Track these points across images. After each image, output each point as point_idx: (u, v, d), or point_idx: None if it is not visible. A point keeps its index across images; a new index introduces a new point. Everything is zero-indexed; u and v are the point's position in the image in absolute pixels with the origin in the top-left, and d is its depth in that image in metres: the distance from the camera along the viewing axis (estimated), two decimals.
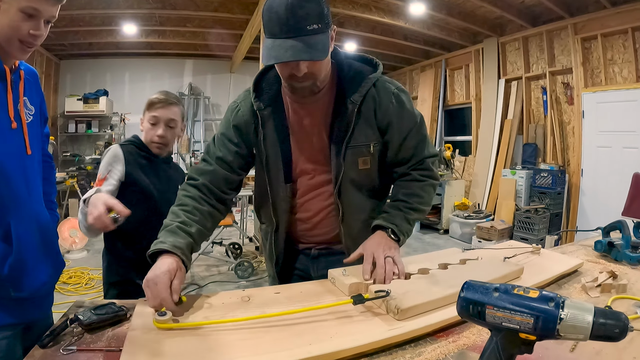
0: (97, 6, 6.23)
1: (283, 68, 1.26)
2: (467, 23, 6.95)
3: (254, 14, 6.36)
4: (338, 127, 1.38)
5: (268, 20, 1.18)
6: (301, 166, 1.46)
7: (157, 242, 1.22)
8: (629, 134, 5.45)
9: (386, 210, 1.45)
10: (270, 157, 1.44)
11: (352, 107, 1.36)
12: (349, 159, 1.40)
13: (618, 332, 0.65)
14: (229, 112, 1.50)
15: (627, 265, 1.57)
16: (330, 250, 1.56)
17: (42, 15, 1.13)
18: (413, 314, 1.06)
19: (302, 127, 1.43)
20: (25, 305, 1.25)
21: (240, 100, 1.48)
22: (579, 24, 5.96)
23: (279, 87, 1.44)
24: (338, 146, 1.39)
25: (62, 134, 8.76)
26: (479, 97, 7.93)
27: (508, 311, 0.70)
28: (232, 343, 0.93)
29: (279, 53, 1.16)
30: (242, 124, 1.45)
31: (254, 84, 1.45)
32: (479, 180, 7.63)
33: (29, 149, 1.25)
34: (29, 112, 1.27)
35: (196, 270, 5.14)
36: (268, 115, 1.41)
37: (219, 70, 9.97)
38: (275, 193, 1.48)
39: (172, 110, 1.86)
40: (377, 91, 1.39)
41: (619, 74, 5.62)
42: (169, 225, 1.29)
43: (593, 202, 5.96)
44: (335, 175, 1.41)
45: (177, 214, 1.33)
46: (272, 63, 1.20)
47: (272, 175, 1.46)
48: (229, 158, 1.45)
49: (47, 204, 1.40)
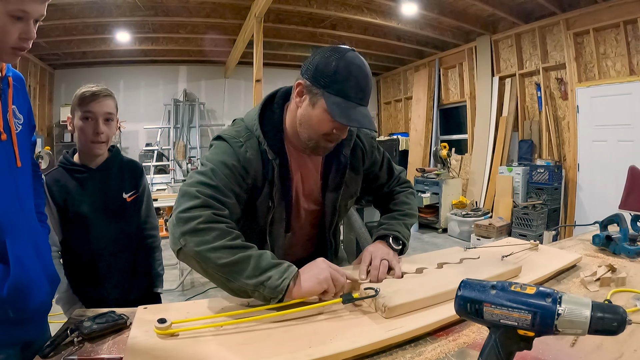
0: (89, 15, 6.22)
1: (329, 126, 1.26)
2: (460, 22, 6.97)
3: (247, 19, 6.36)
4: (333, 178, 1.47)
5: (345, 81, 1.21)
6: (298, 216, 1.49)
7: (283, 267, 1.12)
8: (624, 127, 5.47)
9: (383, 222, 1.55)
10: (277, 208, 1.38)
11: (345, 161, 1.46)
12: (342, 204, 1.52)
13: (616, 326, 0.66)
14: (234, 149, 1.30)
15: (626, 258, 1.58)
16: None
17: (31, 16, 1.07)
18: (401, 312, 1.07)
19: (300, 177, 1.45)
20: (25, 325, 1.19)
21: (244, 140, 1.32)
22: (571, 19, 5.98)
23: (282, 135, 1.38)
24: (334, 196, 1.48)
25: (57, 143, 8.72)
26: (473, 96, 7.95)
27: (505, 308, 0.71)
28: (233, 348, 0.93)
29: (358, 117, 1.22)
30: (250, 167, 1.30)
31: (260, 126, 1.34)
32: (476, 178, 7.64)
33: (19, 161, 1.16)
34: (18, 121, 1.18)
35: (196, 276, 5.13)
36: (276, 165, 1.34)
37: (213, 75, 9.96)
38: (274, 240, 1.43)
39: (108, 103, 1.68)
40: (361, 141, 1.52)
41: (612, 67, 5.65)
42: (264, 253, 1.15)
43: (590, 197, 5.98)
44: (330, 219, 1.52)
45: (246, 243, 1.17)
46: (353, 126, 1.30)
47: (275, 226, 1.41)
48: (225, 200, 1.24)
49: (37, 216, 1.32)
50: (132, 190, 1.81)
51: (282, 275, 1.10)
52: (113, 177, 1.77)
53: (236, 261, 1.10)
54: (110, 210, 1.73)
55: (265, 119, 1.37)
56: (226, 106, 10.01)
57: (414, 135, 9.30)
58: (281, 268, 1.12)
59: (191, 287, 4.78)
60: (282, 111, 1.40)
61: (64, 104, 8.66)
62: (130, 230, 1.82)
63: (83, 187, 1.69)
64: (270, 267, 1.11)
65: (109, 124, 1.69)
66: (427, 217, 7.70)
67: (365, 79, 1.25)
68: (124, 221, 1.79)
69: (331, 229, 1.54)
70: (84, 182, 1.70)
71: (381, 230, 1.49)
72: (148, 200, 1.92)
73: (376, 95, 11.49)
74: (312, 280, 1.11)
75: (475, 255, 1.48)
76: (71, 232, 1.69)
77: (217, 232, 1.13)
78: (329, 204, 1.48)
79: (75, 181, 1.69)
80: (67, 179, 1.68)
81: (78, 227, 1.68)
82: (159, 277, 1.95)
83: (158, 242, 2.00)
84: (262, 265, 1.11)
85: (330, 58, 1.23)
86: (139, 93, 9.34)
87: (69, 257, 1.72)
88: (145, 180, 1.91)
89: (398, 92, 10.53)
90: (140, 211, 1.87)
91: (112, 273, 1.74)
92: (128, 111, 8.75)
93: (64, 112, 8.54)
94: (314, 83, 1.24)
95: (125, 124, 8.72)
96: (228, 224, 1.18)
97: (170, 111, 9.49)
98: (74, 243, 1.70)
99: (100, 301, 1.66)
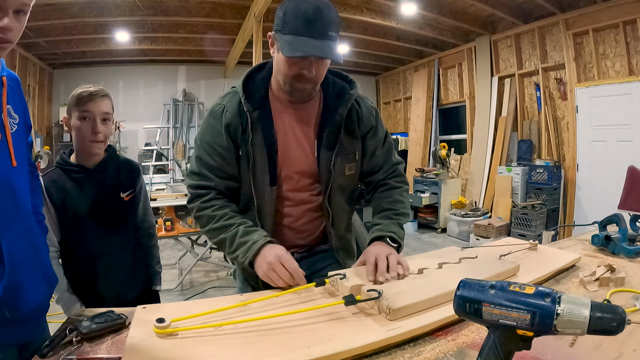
0: (89, 14, 6.23)
1: (293, 66, 1.32)
2: (459, 22, 6.98)
3: (246, 19, 6.36)
4: (327, 136, 1.49)
5: (294, 17, 1.27)
6: (286, 171, 1.49)
7: (247, 246, 1.35)
8: (623, 127, 5.48)
9: (378, 222, 1.54)
10: (257, 159, 1.45)
11: (340, 119, 1.48)
12: (338, 166, 1.51)
13: (615, 326, 0.66)
14: (215, 115, 1.46)
15: (625, 258, 1.58)
16: (312, 251, 1.62)
17: (7, 5, 0.97)
18: (405, 314, 1.07)
19: (289, 133, 1.48)
20: (22, 326, 1.19)
21: (225, 102, 1.46)
22: (571, 20, 5.98)
23: (266, 91, 1.48)
24: (328, 154, 1.48)
25: (57, 143, 8.71)
26: (472, 96, 7.96)
27: (504, 308, 0.71)
28: (232, 347, 0.93)
29: (306, 48, 1.25)
30: (231, 124, 1.43)
31: (242, 85, 1.45)
32: (475, 178, 7.65)
33: (14, 161, 1.14)
34: (13, 121, 1.17)
35: (195, 276, 5.14)
36: (256, 118, 1.43)
37: (213, 75, 9.96)
38: (261, 196, 1.48)
39: (105, 103, 1.68)
40: (359, 105, 1.54)
41: (611, 68, 5.65)
42: (236, 231, 1.39)
43: (589, 197, 5.98)
44: (325, 181, 1.51)
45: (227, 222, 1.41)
46: (299, 55, 1.27)
47: (258, 178, 1.47)
48: (226, 167, 1.46)
49: (34, 216, 1.31)
50: (130, 189, 1.82)
51: (245, 255, 1.34)
52: (110, 177, 1.77)
53: (219, 242, 1.42)
54: (108, 210, 1.74)
55: (252, 79, 1.49)
56: None
57: (413, 135, 9.30)
58: (244, 248, 1.35)
59: (190, 287, 4.78)
60: (270, 74, 1.49)
61: (63, 104, 8.64)
62: (128, 229, 1.83)
63: (80, 187, 1.70)
64: (237, 246, 1.37)
65: (106, 124, 1.69)
66: (426, 217, 7.71)
67: (317, 12, 1.26)
68: (122, 220, 1.80)
69: (327, 192, 1.52)
70: (81, 182, 1.70)
71: (377, 231, 1.49)
72: (145, 199, 1.93)
73: (375, 95, 11.50)
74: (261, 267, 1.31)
75: (473, 254, 1.48)
76: (69, 232, 1.70)
77: (205, 219, 1.44)
78: (323, 163, 1.49)
79: (73, 181, 1.69)
80: (64, 179, 1.69)
81: (76, 227, 1.69)
82: (156, 274, 1.96)
83: (155, 241, 2.01)
84: (233, 246, 1.38)
85: (284, 3, 1.31)
86: (138, 93, 9.34)
87: (67, 257, 1.72)
88: (142, 179, 1.91)
89: (397, 92, 10.54)
90: (137, 210, 1.88)
91: (111, 272, 1.74)
92: (127, 111, 8.76)
93: (63, 112, 8.38)
94: (275, 30, 1.34)
95: (124, 124, 8.73)
96: (213, 207, 1.43)
97: (169, 111, 9.50)
98: (72, 243, 1.71)
99: (99, 300, 1.66)
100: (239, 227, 1.39)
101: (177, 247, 4.96)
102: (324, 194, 1.52)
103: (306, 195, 1.55)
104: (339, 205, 1.57)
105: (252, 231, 1.39)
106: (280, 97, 1.47)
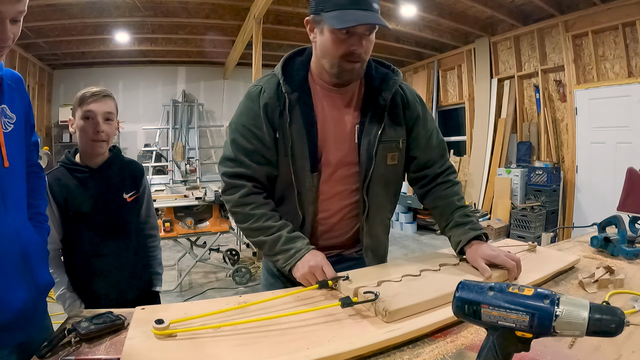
0: (89, 15, 6.23)
1: (341, 44, 1.28)
2: (458, 24, 6.98)
3: (246, 20, 6.37)
4: (370, 122, 1.43)
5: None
6: (326, 158, 1.44)
7: (290, 253, 1.34)
8: (622, 129, 5.49)
9: (463, 222, 1.46)
10: (296, 143, 1.39)
11: (384, 104, 1.43)
12: (380, 154, 1.44)
13: (614, 327, 0.65)
14: (252, 96, 1.41)
15: (624, 260, 1.58)
16: (341, 257, 1.56)
17: (4, 16, 1.00)
18: (402, 316, 1.06)
19: (328, 119, 1.43)
20: (9, 331, 1.15)
21: (262, 83, 1.41)
22: (570, 22, 6.00)
23: (306, 74, 1.44)
24: (370, 140, 1.42)
25: (56, 143, 8.72)
26: (472, 97, 7.96)
27: (503, 310, 0.71)
28: (231, 349, 0.93)
29: (357, 17, 1.22)
30: (268, 105, 1.38)
31: (282, 67, 1.42)
32: (475, 179, 7.65)
33: (6, 162, 1.12)
34: (9, 120, 1.16)
35: (194, 277, 5.13)
36: (295, 100, 1.38)
37: (212, 76, 9.97)
38: (301, 183, 1.42)
39: (107, 103, 1.70)
40: (403, 92, 1.49)
41: (610, 70, 5.66)
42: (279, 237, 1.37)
43: (588, 198, 5.99)
44: (365, 170, 1.44)
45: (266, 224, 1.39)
46: (351, 25, 1.23)
47: (298, 163, 1.40)
48: (264, 151, 1.41)
49: (35, 217, 1.31)
50: (133, 190, 1.82)
51: (286, 262, 1.33)
52: (113, 177, 1.78)
53: (257, 242, 1.41)
54: (110, 210, 1.74)
55: (291, 62, 1.46)
56: (225, 107, 10.01)
57: None
58: (287, 255, 1.34)
59: (189, 288, 4.78)
60: (309, 58, 1.46)
61: (63, 104, 8.66)
62: (130, 230, 1.83)
63: (84, 186, 1.70)
64: (279, 252, 1.36)
65: (109, 124, 1.70)
66: (425, 218, 7.70)
67: None
68: (124, 221, 1.80)
69: (365, 182, 1.44)
70: (84, 182, 1.71)
71: (471, 231, 1.42)
72: (148, 201, 1.93)
73: None
74: (300, 271, 1.30)
75: None
76: (71, 231, 1.70)
77: (242, 217, 1.41)
78: (364, 149, 1.43)
79: (76, 180, 1.70)
80: (68, 178, 1.70)
81: (77, 225, 1.69)
82: (157, 275, 1.96)
83: (157, 242, 2.01)
84: (274, 250, 1.36)
85: None
86: (138, 94, 9.34)
87: (69, 255, 1.74)
88: (145, 180, 1.92)
89: None
90: (140, 211, 1.88)
91: (111, 272, 1.75)
92: (127, 112, 8.74)
93: (63, 112, 8.54)
94: (315, 13, 1.31)
95: (123, 125, 8.68)
96: (251, 205, 1.40)
97: (169, 112, 9.50)
98: (73, 241, 1.72)
99: (98, 299, 1.68)
100: (281, 231, 1.36)
101: (176, 248, 4.96)
102: (362, 184, 1.45)
103: (344, 189, 1.48)
104: (378, 199, 1.49)
105: (295, 238, 1.36)
106: (322, 82, 1.43)
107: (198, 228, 4.76)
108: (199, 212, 4.77)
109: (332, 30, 1.26)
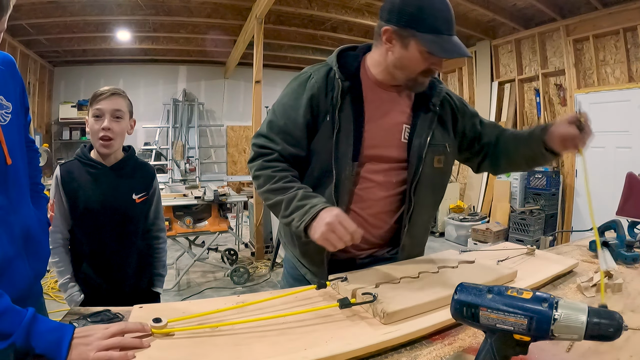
0: (90, 12, 6.23)
1: (424, 62, 1.33)
2: (460, 26, 6.96)
3: (247, 20, 6.37)
4: (421, 124, 1.47)
5: (431, 16, 1.27)
6: (370, 150, 1.44)
7: (304, 209, 1.27)
8: (622, 134, 5.48)
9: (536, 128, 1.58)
10: (343, 128, 1.40)
11: (434, 108, 1.49)
12: (428, 156, 1.47)
13: (613, 332, 0.66)
14: (300, 80, 1.46)
15: (622, 265, 1.58)
16: (374, 257, 1.52)
17: None
18: (400, 318, 1.06)
19: (378, 113, 1.45)
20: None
21: (312, 71, 1.46)
22: (571, 26, 6.00)
23: (358, 67, 1.47)
24: (421, 142, 1.46)
25: (56, 141, 8.72)
26: (472, 100, 7.95)
27: (502, 313, 0.71)
28: (228, 348, 0.93)
29: (456, 49, 1.29)
30: (315, 91, 1.41)
31: (336, 57, 1.46)
32: (474, 182, 7.65)
33: (9, 158, 1.07)
34: (6, 110, 1.09)
35: (192, 276, 5.13)
36: (346, 88, 1.41)
37: (213, 76, 9.97)
38: (340, 169, 1.40)
39: (116, 101, 1.72)
40: (451, 98, 1.56)
41: (611, 74, 5.67)
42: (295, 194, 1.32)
43: (587, 203, 5.97)
44: (414, 170, 1.46)
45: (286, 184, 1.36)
46: (454, 57, 1.30)
47: (341, 150, 1.40)
48: (296, 133, 1.42)
49: (33, 187, 1.27)
50: (143, 192, 1.85)
51: (301, 219, 1.26)
52: (125, 177, 1.81)
53: (274, 204, 1.36)
54: (118, 209, 1.76)
55: (345, 54, 1.50)
56: (225, 107, 10.02)
57: None
58: (302, 211, 1.27)
59: (187, 287, 4.78)
60: (363, 52, 1.51)
61: (63, 102, 8.67)
62: (136, 230, 1.85)
63: (95, 182, 1.73)
64: (294, 209, 1.29)
65: (118, 122, 1.72)
66: None
67: (449, 9, 1.30)
68: (131, 221, 1.82)
69: (414, 182, 1.45)
70: (96, 178, 1.74)
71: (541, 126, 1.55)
72: (157, 203, 1.97)
73: None
74: (318, 230, 1.21)
75: (471, 258, 1.48)
76: (78, 225, 1.74)
77: (263, 179, 1.39)
78: (414, 149, 1.45)
79: (89, 175, 1.73)
80: (81, 171, 1.73)
81: (85, 220, 1.73)
82: (159, 277, 1.99)
83: (164, 244, 2.04)
84: (289, 209, 1.31)
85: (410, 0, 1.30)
86: (139, 92, 9.33)
87: (74, 247, 1.77)
88: (156, 183, 1.96)
89: None
90: (148, 213, 1.91)
91: (113, 270, 1.77)
92: None
93: (63, 110, 8.55)
94: (402, 26, 1.30)
95: None
96: (274, 168, 1.39)
97: (169, 111, 9.51)
98: (79, 235, 1.75)
99: (98, 295, 1.70)
100: (299, 190, 1.33)
101: (174, 247, 4.95)
102: (410, 184, 1.45)
103: (386, 181, 1.47)
104: (424, 199, 1.50)
105: (312, 196, 1.32)
106: (376, 79, 1.46)
107: (197, 227, 4.76)
108: (198, 211, 4.78)
109: (425, 52, 1.30)
